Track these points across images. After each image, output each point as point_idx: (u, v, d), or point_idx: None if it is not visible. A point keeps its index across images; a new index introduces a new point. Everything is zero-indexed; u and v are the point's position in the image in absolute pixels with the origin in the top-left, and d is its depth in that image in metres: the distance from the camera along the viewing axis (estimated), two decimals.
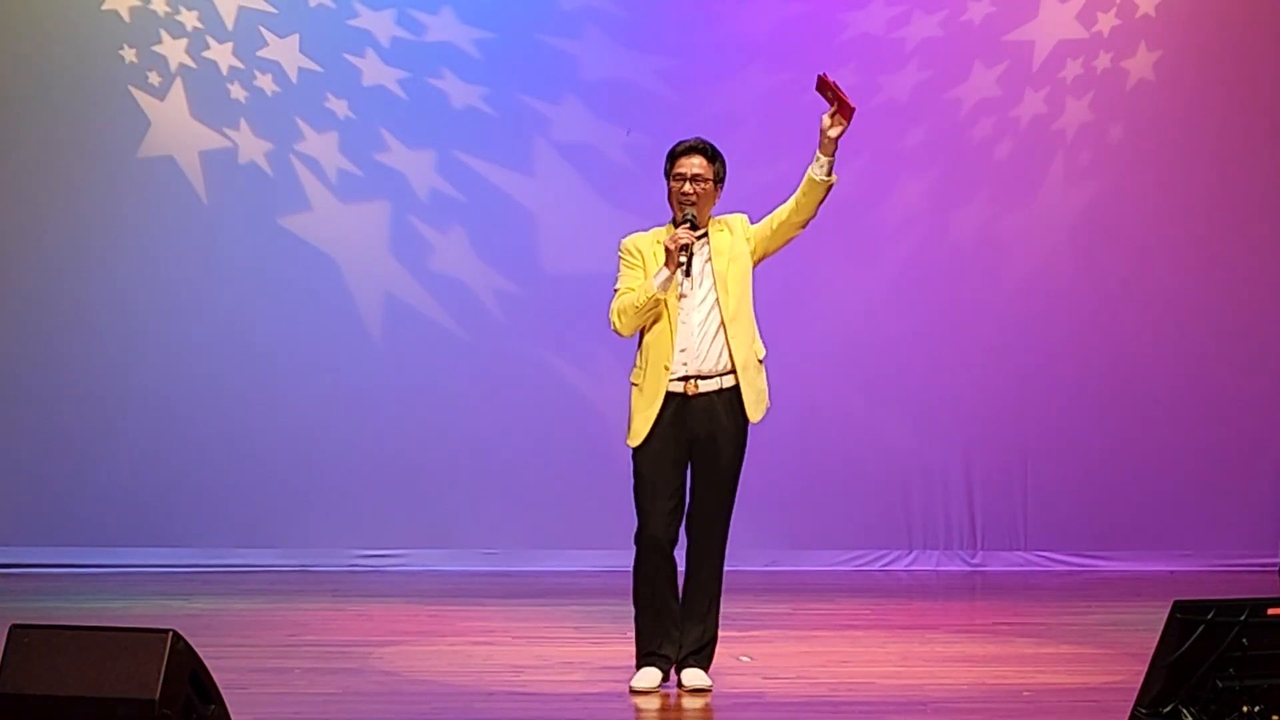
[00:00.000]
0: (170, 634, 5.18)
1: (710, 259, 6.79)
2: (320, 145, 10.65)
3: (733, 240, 6.83)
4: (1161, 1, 10.74)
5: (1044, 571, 10.61)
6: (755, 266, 6.92)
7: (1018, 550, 10.73)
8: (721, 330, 6.76)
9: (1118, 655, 7.60)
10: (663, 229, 6.86)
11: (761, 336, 6.94)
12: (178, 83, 10.58)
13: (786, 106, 10.71)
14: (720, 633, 6.83)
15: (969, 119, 10.76)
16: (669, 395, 6.70)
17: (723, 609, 6.82)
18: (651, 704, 6.63)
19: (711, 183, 6.85)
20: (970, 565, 10.69)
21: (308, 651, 7.74)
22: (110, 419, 10.54)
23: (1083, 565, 10.67)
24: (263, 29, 10.60)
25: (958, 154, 10.78)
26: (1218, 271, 10.77)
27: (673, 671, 6.80)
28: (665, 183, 6.87)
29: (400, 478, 10.60)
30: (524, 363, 10.66)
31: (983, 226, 10.77)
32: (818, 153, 6.76)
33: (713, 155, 6.90)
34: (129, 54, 10.57)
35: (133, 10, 10.55)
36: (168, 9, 10.56)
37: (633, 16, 10.72)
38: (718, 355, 6.76)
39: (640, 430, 6.72)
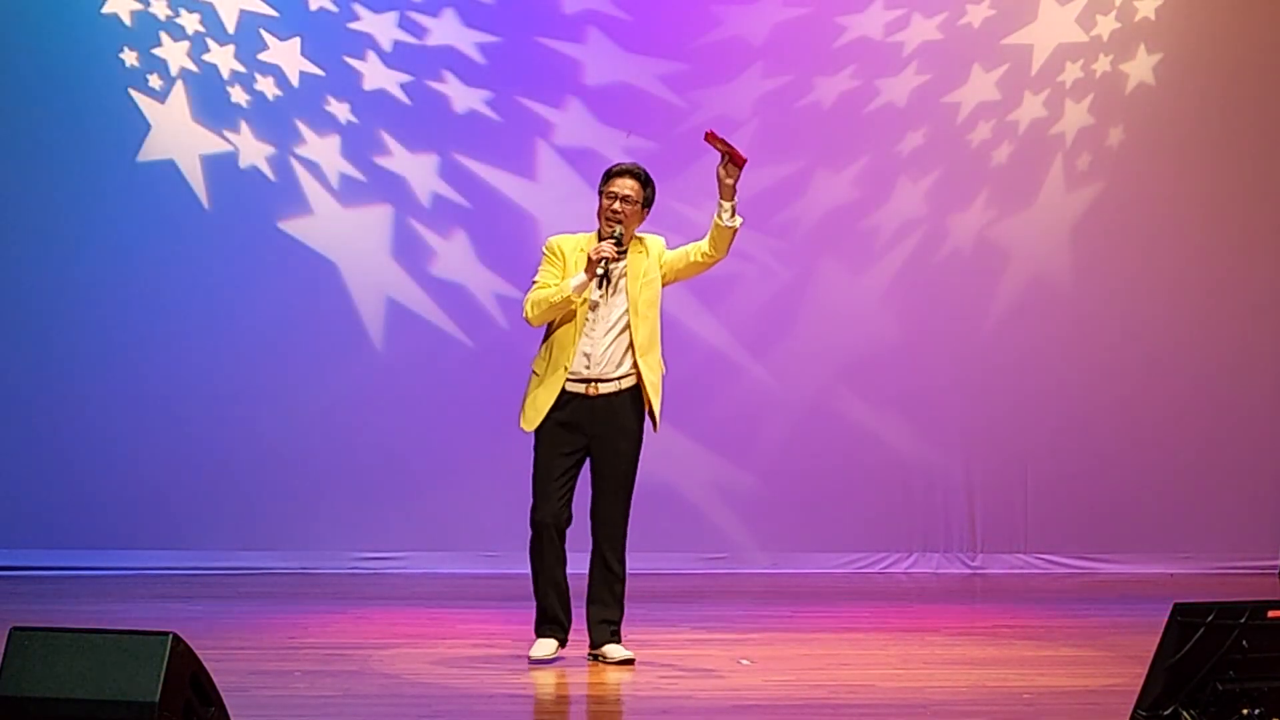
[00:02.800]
0: (171, 636, 5.18)
1: (626, 277, 7.23)
2: (321, 149, 10.65)
3: (647, 264, 7.29)
4: (1161, 4, 10.75)
5: (1044, 574, 10.61)
6: (663, 289, 7.36)
7: (1018, 553, 10.73)
8: (631, 352, 7.21)
9: (1118, 658, 7.60)
10: (588, 235, 7.31)
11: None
12: (178, 86, 10.59)
13: (786, 109, 10.74)
14: (720, 634, 6.86)
15: (968, 122, 10.77)
16: (569, 394, 7.21)
17: (714, 610, 6.85)
18: (651, 704, 6.64)
19: (639, 205, 7.30)
20: (970, 568, 10.70)
21: (308, 654, 7.74)
22: (111, 422, 10.55)
23: (1083, 568, 10.68)
24: (264, 32, 10.61)
25: (957, 157, 10.78)
26: (1217, 274, 10.78)
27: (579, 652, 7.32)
28: (598, 198, 7.31)
29: (400, 481, 10.60)
30: (525, 367, 10.58)
31: (982, 230, 10.78)
32: (720, 200, 7.20)
33: (645, 181, 7.35)
34: (129, 57, 10.58)
35: (133, 13, 10.56)
36: (168, 12, 10.57)
37: (634, 20, 10.73)
38: (618, 363, 7.23)
39: (534, 419, 7.25)
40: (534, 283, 7.29)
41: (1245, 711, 5.39)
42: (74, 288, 10.56)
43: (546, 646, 7.33)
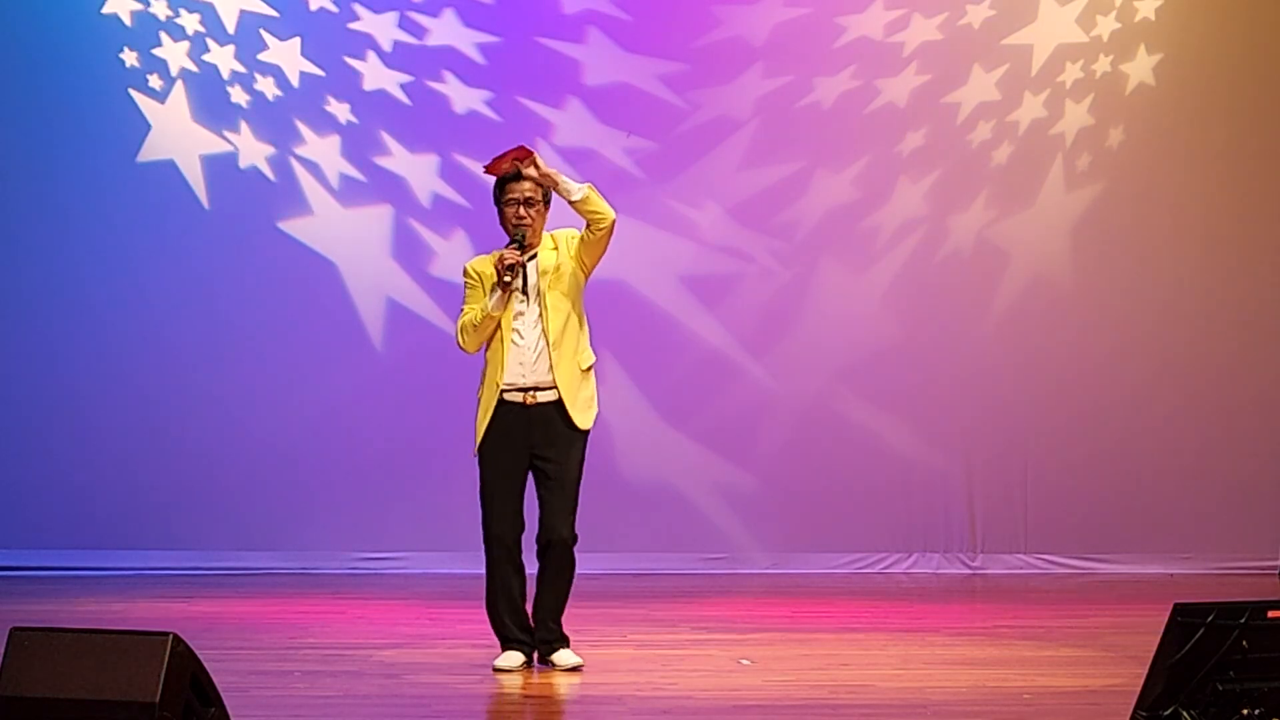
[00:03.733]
0: (170, 637, 5.18)
1: (541, 276, 7.22)
2: (321, 149, 10.65)
3: (558, 257, 7.25)
4: (1161, 5, 10.74)
5: (1044, 574, 10.61)
6: (589, 276, 7.32)
7: (1018, 553, 10.73)
8: (550, 353, 7.19)
9: (1118, 658, 7.60)
10: (501, 249, 7.26)
11: (592, 345, 7.31)
12: (178, 86, 10.59)
13: (786, 110, 10.73)
14: (720, 634, 6.85)
15: (968, 123, 10.76)
16: (507, 405, 7.20)
17: (719, 612, 6.84)
18: (651, 704, 6.64)
19: (541, 204, 7.26)
20: (970, 568, 10.70)
21: (307, 654, 7.74)
22: (110, 422, 10.55)
23: (1083, 568, 10.67)
24: (264, 32, 10.61)
25: (957, 158, 10.78)
26: (1217, 274, 10.77)
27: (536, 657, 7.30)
28: (497, 209, 7.29)
29: (400, 480, 10.60)
30: None
31: (982, 230, 10.78)
32: (557, 194, 7.22)
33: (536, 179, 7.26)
34: (130, 57, 10.58)
35: (133, 13, 10.57)
36: (169, 12, 10.57)
37: (634, 20, 10.73)
38: (548, 368, 7.20)
39: (477, 437, 7.27)
40: (461, 311, 7.35)
41: (1245, 711, 5.39)
42: (74, 288, 10.57)
43: (514, 659, 7.28)
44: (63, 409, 10.55)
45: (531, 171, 7.22)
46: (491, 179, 7.36)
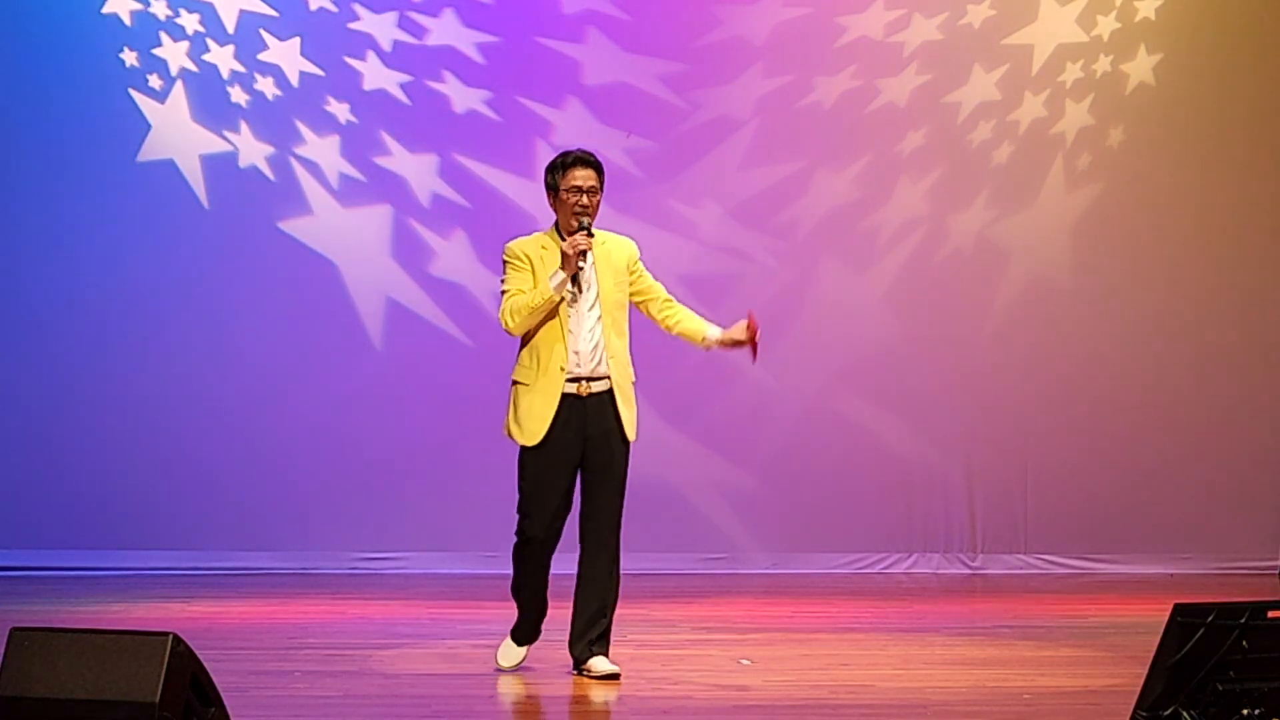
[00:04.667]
0: (170, 637, 5.18)
1: (595, 269, 6.99)
2: (321, 149, 10.66)
3: (614, 265, 7.05)
4: (1161, 5, 10.74)
5: (1044, 574, 10.61)
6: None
7: (1018, 553, 10.73)
8: (605, 345, 6.99)
9: (1118, 658, 7.60)
10: (544, 234, 7.06)
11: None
12: (178, 86, 10.60)
13: (786, 110, 10.73)
14: (720, 634, 6.85)
15: (969, 123, 10.76)
16: (564, 396, 6.93)
17: (719, 612, 6.83)
18: (651, 704, 6.64)
19: (600, 193, 7.05)
20: (970, 568, 10.70)
21: (308, 654, 7.74)
22: (110, 422, 10.55)
23: (1083, 568, 10.67)
24: (264, 32, 10.61)
25: (957, 157, 10.78)
26: (1217, 274, 10.77)
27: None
28: (551, 193, 7.04)
29: (400, 481, 10.61)
30: None
31: (982, 230, 10.78)
32: (715, 340, 7.26)
33: (599, 166, 7.09)
34: (129, 57, 10.58)
35: (133, 13, 10.57)
36: (168, 12, 10.57)
37: (634, 20, 10.73)
38: (604, 359, 6.99)
39: (537, 431, 6.93)
40: (504, 292, 6.96)
41: (1245, 712, 5.39)
42: (74, 287, 10.57)
43: (517, 655, 7.23)
44: (62, 409, 10.55)
45: (736, 347, 7.32)
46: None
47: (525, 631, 7.23)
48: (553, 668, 7.30)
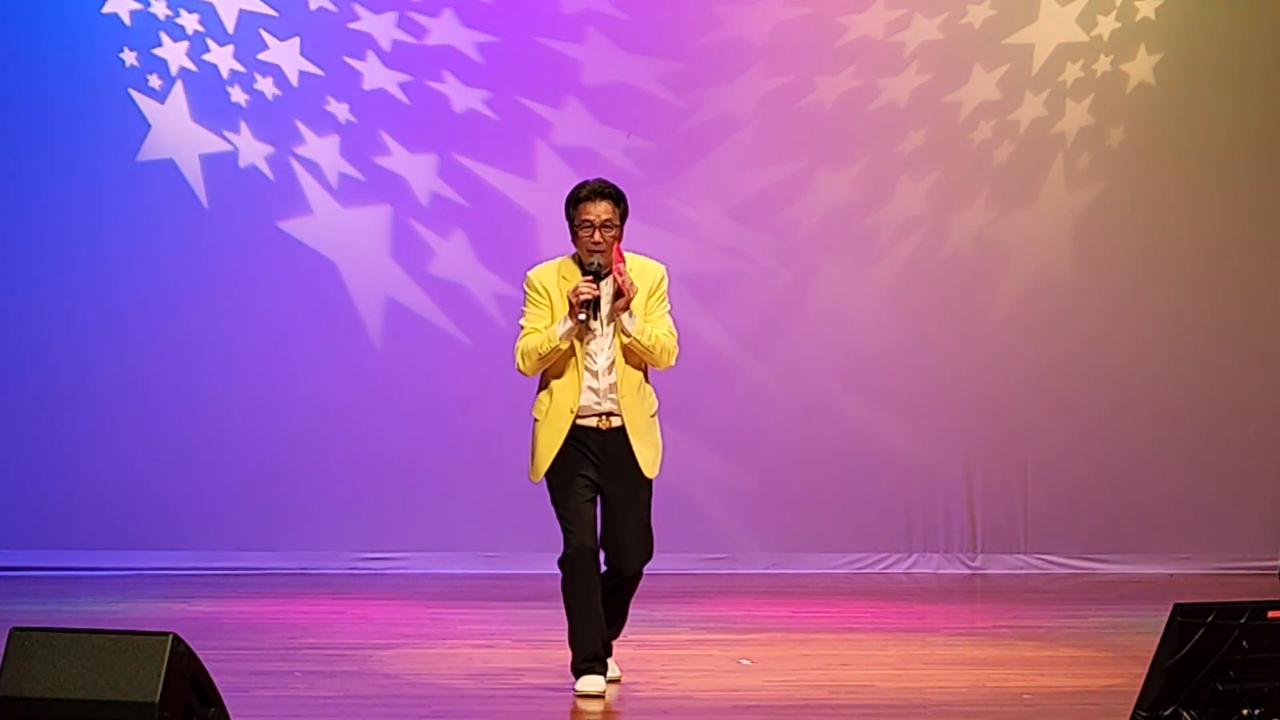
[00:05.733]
0: (171, 637, 5.18)
1: (612, 303, 6.72)
2: (321, 149, 10.65)
3: (642, 294, 6.75)
4: (1161, 5, 10.74)
5: (1044, 575, 10.61)
6: None
7: (1018, 553, 10.73)
8: (618, 382, 6.71)
9: (1118, 658, 7.60)
10: (566, 260, 6.85)
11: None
12: (178, 86, 10.59)
13: (787, 109, 10.73)
14: (720, 634, 6.86)
15: (969, 122, 10.76)
16: (581, 429, 6.72)
17: (719, 612, 6.84)
18: (651, 704, 6.64)
19: (618, 227, 6.76)
20: (970, 568, 10.69)
21: (308, 654, 7.74)
22: (110, 422, 10.54)
23: (1083, 568, 10.67)
24: (263, 32, 10.61)
25: (958, 157, 10.78)
26: (1217, 274, 10.77)
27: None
28: (569, 223, 6.80)
29: (400, 481, 10.60)
30: None
31: (983, 230, 10.77)
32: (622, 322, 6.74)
33: (618, 198, 6.81)
34: (129, 57, 10.58)
35: (133, 13, 10.56)
36: (168, 12, 10.57)
37: (633, 20, 10.72)
38: (619, 396, 6.73)
39: (540, 467, 6.79)
40: (520, 327, 6.83)
41: (1245, 712, 5.39)
42: (73, 287, 10.56)
43: (598, 684, 6.78)
44: (62, 408, 10.54)
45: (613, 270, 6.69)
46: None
47: (584, 649, 6.76)
48: (553, 668, 7.30)
